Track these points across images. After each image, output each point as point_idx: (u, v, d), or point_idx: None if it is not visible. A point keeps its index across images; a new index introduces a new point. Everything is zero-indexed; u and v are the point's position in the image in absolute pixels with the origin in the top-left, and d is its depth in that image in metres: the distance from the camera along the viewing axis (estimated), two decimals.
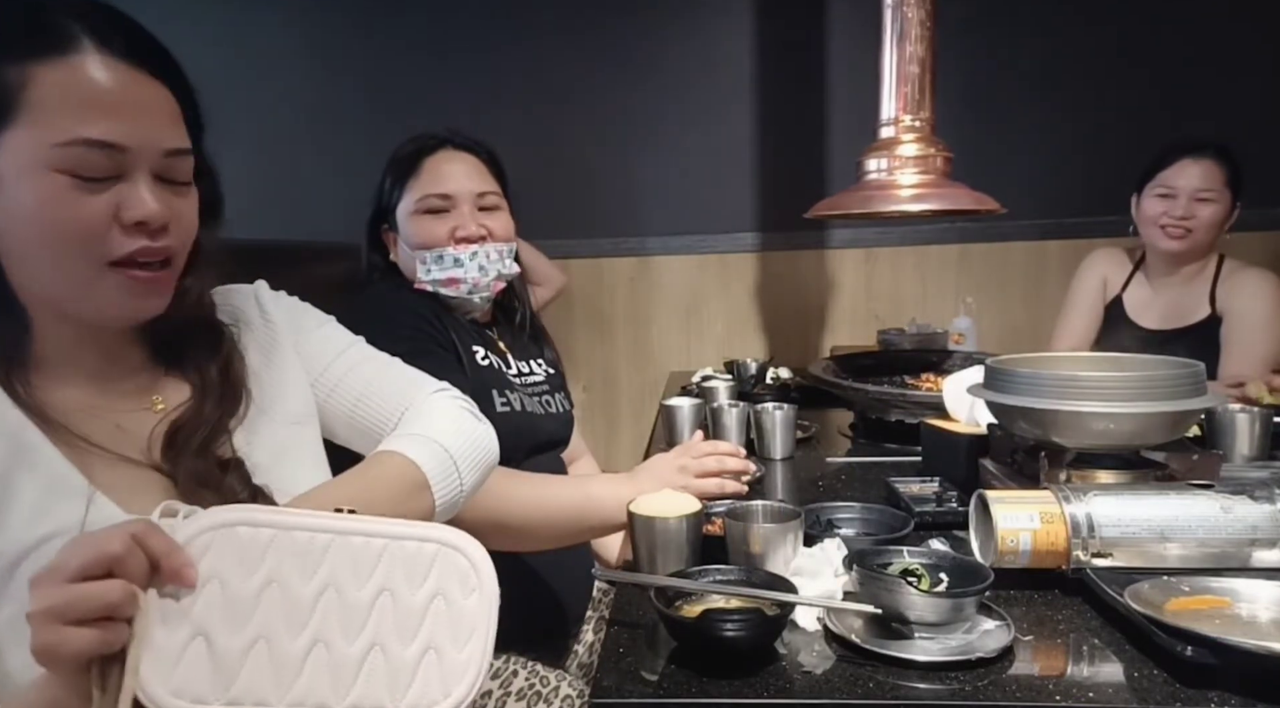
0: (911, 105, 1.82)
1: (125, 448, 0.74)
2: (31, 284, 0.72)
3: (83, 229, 0.68)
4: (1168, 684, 0.74)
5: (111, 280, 0.71)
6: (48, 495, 0.68)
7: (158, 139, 0.71)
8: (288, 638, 0.59)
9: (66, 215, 0.67)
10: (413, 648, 0.63)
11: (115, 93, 0.69)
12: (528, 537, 1.18)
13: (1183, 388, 1.02)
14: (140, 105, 0.70)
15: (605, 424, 2.92)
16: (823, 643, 0.83)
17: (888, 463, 1.47)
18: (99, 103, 0.68)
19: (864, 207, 1.83)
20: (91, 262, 0.70)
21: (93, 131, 0.67)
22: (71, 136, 0.67)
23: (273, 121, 2.81)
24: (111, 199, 0.69)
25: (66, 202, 0.67)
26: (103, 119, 0.68)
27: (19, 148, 0.67)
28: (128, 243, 0.70)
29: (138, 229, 0.70)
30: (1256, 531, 0.90)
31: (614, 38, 2.77)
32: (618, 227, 2.83)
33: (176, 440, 0.76)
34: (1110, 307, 2.13)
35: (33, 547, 0.66)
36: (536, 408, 1.35)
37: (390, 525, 0.65)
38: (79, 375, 0.76)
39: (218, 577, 0.58)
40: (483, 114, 2.74)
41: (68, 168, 0.67)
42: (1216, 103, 2.51)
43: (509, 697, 1.14)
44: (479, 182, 1.36)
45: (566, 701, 1.14)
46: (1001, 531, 0.91)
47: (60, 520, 0.68)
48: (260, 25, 2.84)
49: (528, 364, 1.42)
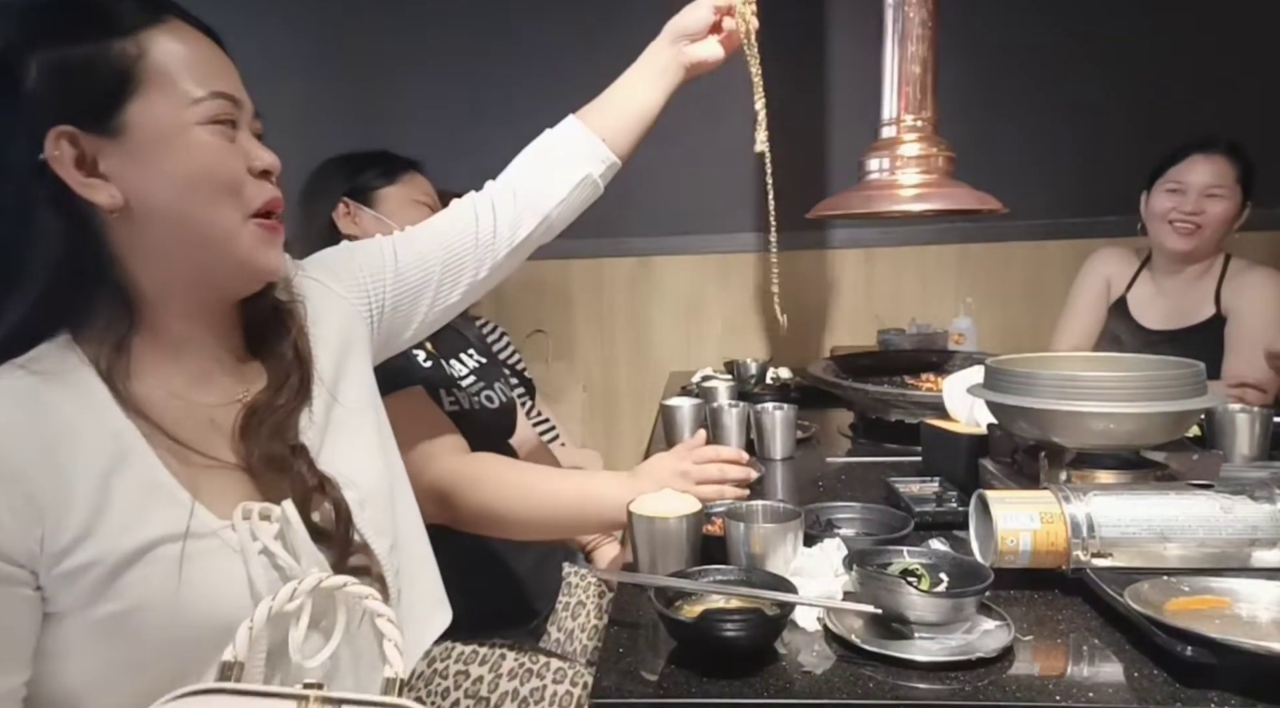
0: (913, 105, 1.82)
1: (216, 449, 0.74)
2: (172, 256, 0.72)
3: (231, 176, 0.72)
4: (1168, 684, 0.74)
5: (250, 232, 0.74)
6: (146, 501, 0.68)
7: (247, 97, 0.75)
8: None
9: (219, 163, 0.71)
10: None
11: (213, 54, 0.74)
12: (521, 528, 1.19)
13: (1183, 388, 1.01)
14: (228, 65, 0.75)
15: (605, 424, 2.92)
16: (823, 643, 0.83)
17: (888, 463, 1.47)
18: (210, 61, 0.72)
19: (866, 206, 1.82)
20: (237, 212, 0.73)
21: (218, 84, 0.72)
22: (206, 89, 0.70)
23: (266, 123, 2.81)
24: (240, 149, 0.73)
25: (221, 151, 0.71)
26: (218, 75, 0.72)
27: (158, 112, 0.69)
28: (261, 192, 0.74)
29: (265, 177, 0.74)
30: (1256, 530, 0.90)
31: (613, 37, 2.76)
32: (618, 227, 2.83)
33: (250, 426, 0.76)
34: (1114, 306, 2.12)
35: (135, 555, 0.66)
36: (477, 404, 1.36)
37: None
38: (180, 372, 0.76)
39: None
40: (481, 114, 2.74)
41: (209, 117, 0.71)
42: (1219, 102, 2.50)
43: (500, 678, 1.15)
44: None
45: (559, 672, 1.15)
46: (1001, 531, 0.91)
47: (161, 528, 0.68)
48: (259, 27, 2.84)
49: (459, 360, 1.42)
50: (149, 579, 0.66)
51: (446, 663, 1.18)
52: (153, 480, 0.69)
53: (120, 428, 0.69)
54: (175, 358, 0.76)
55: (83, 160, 0.68)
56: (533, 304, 2.87)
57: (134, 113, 0.68)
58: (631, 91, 1.15)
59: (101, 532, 0.66)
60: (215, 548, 0.70)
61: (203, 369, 0.77)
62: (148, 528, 0.67)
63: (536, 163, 1.10)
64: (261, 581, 0.70)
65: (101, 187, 0.69)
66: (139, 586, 0.66)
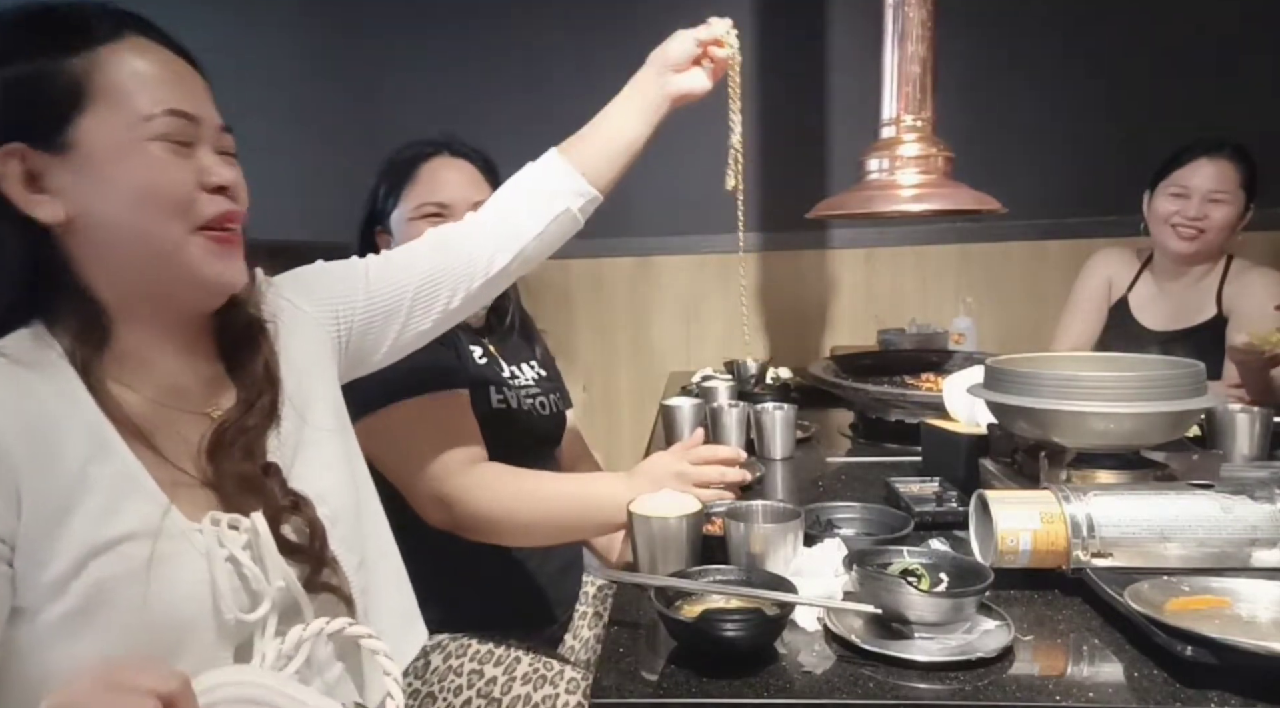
0: (913, 105, 1.82)
1: (183, 461, 0.75)
2: (123, 268, 0.73)
3: (180, 192, 0.72)
4: (1168, 684, 0.74)
5: (198, 243, 0.74)
6: (120, 493, 0.69)
7: (212, 114, 0.76)
8: None
9: (168, 179, 0.72)
10: None
11: (173, 70, 0.74)
12: (524, 534, 1.20)
13: (1183, 388, 1.02)
14: (192, 83, 0.76)
15: (605, 424, 2.92)
16: (823, 643, 0.83)
17: (888, 463, 1.46)
18: (167, 78, 0.73)
19: (865, 206, 1.82)
20: (183, 226, 0.73)
21: (173, 102, 0.72)
22: (160, 107, 0.71)
23: (266, 123, 2.81)
24: (194, 165, 0.74)
25: (168, 166, 0.72)
26: (175, 91, 0.73)
27: (108, 129, 0.70)
28: (213, 205, 0.75)
29: (220, 192, 0.75)
30: (1256, 530, 0.90)
31: (612, 37, 2.77)
32: (618, 227, 2.83)
33: (220, 446, 0.77)
34: (1115, 307, 2.12)
35: (106, 546, 0.67)
36: (530, 407, 1.37)
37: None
38: (149, 382, 0.77)
39: None
40: (480, 114, 2.73)
41: (159, 134, 0.71)
42: (1219, 102, 2.51)
43: (514, 681, 1.15)
44: (475, 190, 1.36)
45: (572, 682, 1.15)
46: (1001, 531, 0.91)
47: (134, 522, 0.69)
48: (257, 29, 2.84)
49: (519, 367, 1.43)
50: (117, 573, 0.67)
51: (461, 660, 1.18)
52: (130, 474, 0.70)
53: (96, 421, 0.70)
54: (146, 366, 0.77)
55: (30, 177, 0.70)
56: (533, 304, 2.86)
57: (84, 129, 0.70)
58: (615, 124, 1.12)
59: (77, 518, 0.66)
60: (183, 550, 0.70)
61: (173, 380, 0.78)
62: (121, 521, 0.68)
63: (515, 196, 1.09)
64: (225, 586, 0.71)
65: (46, 202, 0.70)
66: (106, 578, 0.66)
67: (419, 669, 1.19)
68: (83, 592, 0.66)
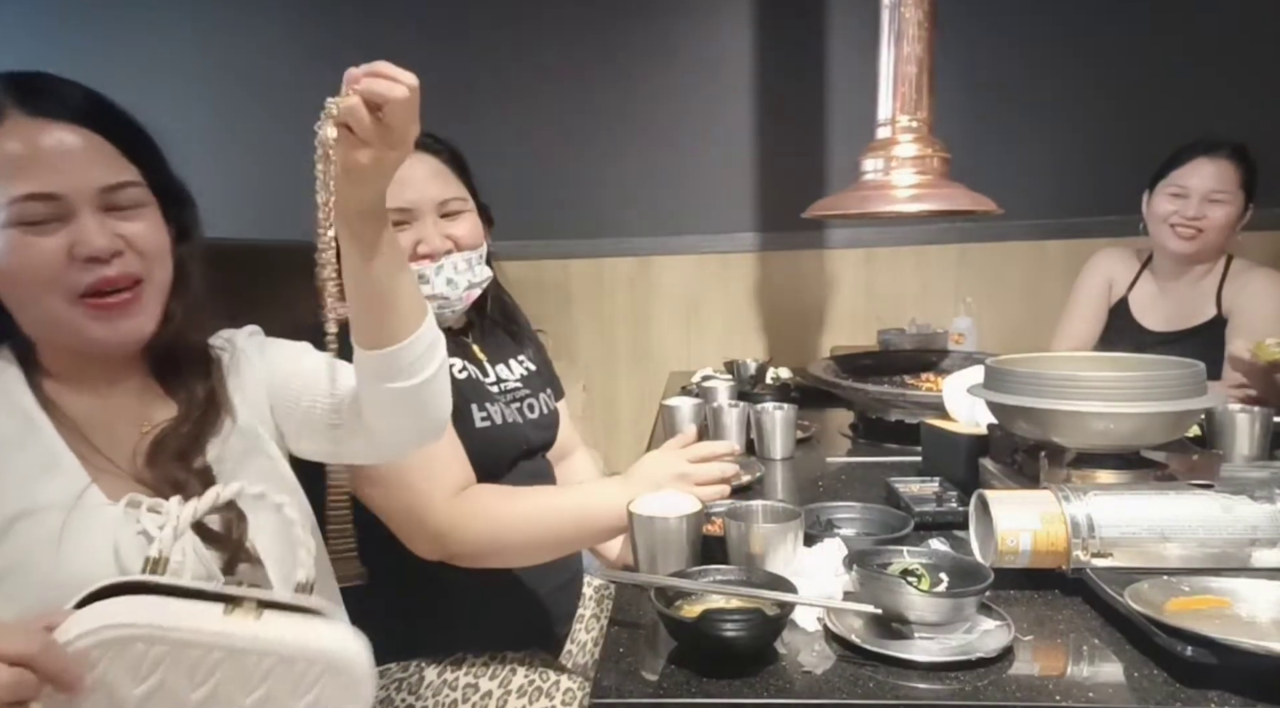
0: (909, 105, 1.82)
1: (115, 455, 0.83)
2: (22, 319, 0.81)
3: (42, 269, 0.77)
4: (1168, 684, 0.74)
5: (80, 312, 0.79)
6: (42, 470, 0.78)
7: (89, 180, 0.79)
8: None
9: (25, 261, 0.77)
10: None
11: (44, 149, 0.78)
12: (525, 555, 1.17)
13: (1183, 388, 1.02)
14: (63, 154, 0.79)
15: (605, 424, 2.92)
16: (823, 643, 0.83)
17: (888, 463, 1.46)
18: (27, 161, 0.77)
19: (861, 207, 1.83)
20: (61, 297, 0.78)
21: (27, 187, 0.76)
22: (11, 196, 0.76)
23: (266, 122, 2.81)
24: (64, 239, 0.78)
25: (23, 248, 0.77)
26: (33, 175, 0.77)
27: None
28: (86, 276, 0.79)
29: (92, 262, 0.78)
30: (1256, 531, 0.90)
31: (612, 37, 2.77)
32: (618, 227, 2.83)
33: (158, 450, 0.84)
34: (1115, 307, 2.11)
35: (24, 514, 0.75)
36: (516, 416, 1.30)
37: (285, 641, 0.67)
38: (83, 388, 0.85)
39: (107, 686, 0.62)
40: (480, 114, 2.74)
41: (16, 221, 0.76)
42: (1218, 101, 2.51)
43: (510, 695, 1.13)
44: (440, 187, 1.23)
45: (568, 693, 1.14)
46: (1001, 531, 0.91)
47: (52, 495, 0.77)
48: (257, 27, 2.84)
49: (506, 366, 1.36)
50: (31, 541, 0.75)
51: (456, 674, 1.16)
52: (53, 453, 0.79)
53: (32, 413, 0.80)
54: (78, 383, 0.85)
55: None
56: (533, 304, 2.85)
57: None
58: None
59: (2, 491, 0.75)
60: (95, 523, 0.77)
61: (105, 395, 0.86)
62: (40, 492, 0.76)
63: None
64: (130, 556, 0.76)
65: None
66: (22, 545, 0.74)
67: (413, 685, 1.15)
68: (2, 558, 0.74)
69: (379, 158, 0.74)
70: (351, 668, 0.70)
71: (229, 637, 0.64)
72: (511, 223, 1.38)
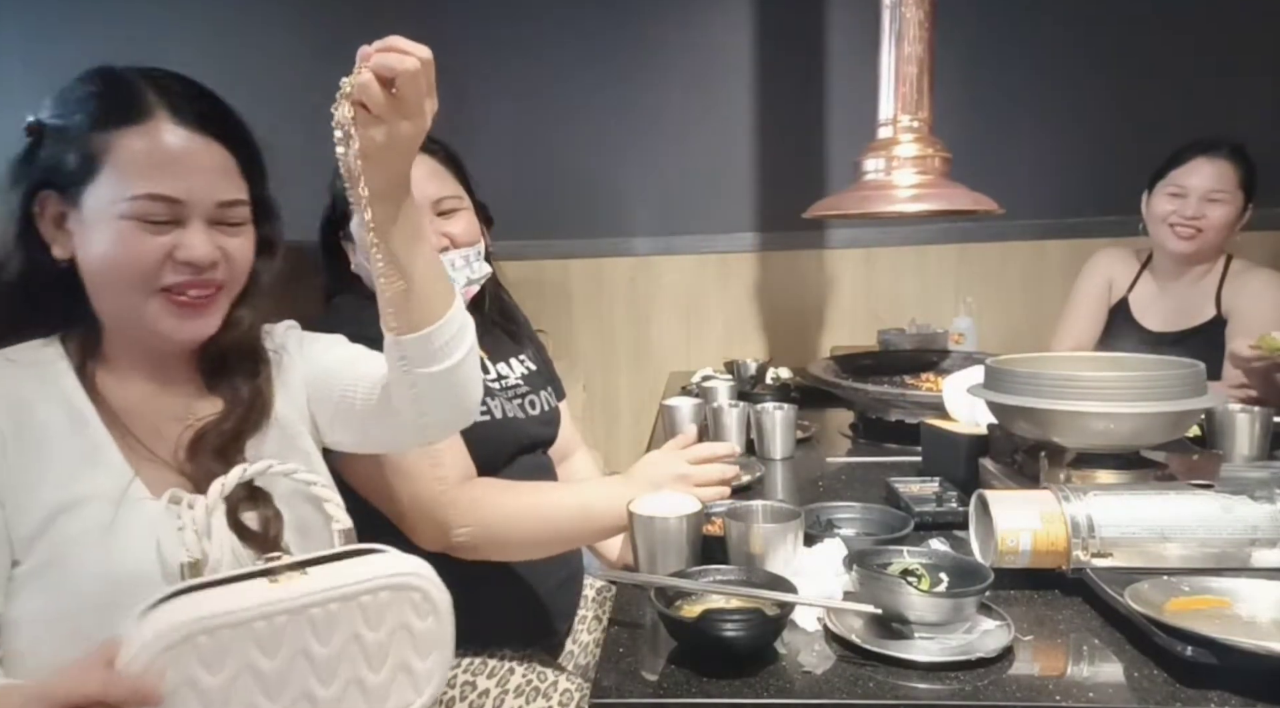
0: (909, 105, 1.82)
1: (158, 448, 0.86)
2: (103, 309, 0.86)
3: (141, 264, 0.82)
4: (1168, 684, 0.74)
5: (158, 304, 0.84)
6: (88, 462, 0.81)
7: (211, 192, 0.84)
8: (270, 706, 0.64)
9: (130, 252, 0.81)
10: (384, 672, 0.70)
11: (178, 155, 0.83)
12: (524, 550, 1.17)
13: (1183, 388, 1.02)
14: (199, 165, 0.84)
15: (605, 424, 2.92)
16: (823, 643, 0.83)
17: (888, 463, 1.46)
18: (164, 164, 0.82)
19: (861, 207, 1.82)
20: (144, 289, 0.83)
21: (157, 187, 0.81)
22: (140, 192, 0.81)
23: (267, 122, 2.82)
24: (171, 240, 0.83)
25: (131, 242, 0.81)
26: (166, 177, 0.82)
27: (101, 198, 0.82)
28: (175, 275, 0.83)
29: (187, 266, 0.83)
30: (1256, 531, 0.90)
31: (612, 37, 2.77)
32: (618, 227, 2.83)
33: (198, 446, 0.87)
34: (1115, 308, 2.11)
35: (70, 505, 0.78)
36: (517, 412, 1.31)
37: (350, 579, 0.68)
38: (135, 380, 0.89)
39: (186, 685, 0.61)
40: (480, 114, 2.74)
41: (134, 215, 0.81)
42: (1219, 101, 2.51)
43: (506, 694, 1.14)
44: (436, 186, 1.24)
45: (566, 694, 1.14)
46: (1001, 531, 0.91)
47: (96, 487, 0.79)
48: (258, 26, 2.84)
49: (506, 364, 1.37)
50: (76, 533, 0.77)
51: (455, 672, 1.16)
52: (97, 446, 0.82)
53: (79, 404, 0.83)
54: (133, 368, 0.89)
55: (58, 217, 0.84)
56: (533, 304, 2.85)
57: (88, 194, 0.82)
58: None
59: (49, 482, 0.78)
60: (139, 518, 0.79)
61: (155, 382, 0.89)
62: (85, 484, 0.79)
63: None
64: (171, 551, 0.77)
65: (62, 240, 0.85)
66: (68, 537, 0.77)
67: None
68: (47, 549, 0.76)
69: (393, 132, 0.75)
70: (414, 583, 0.70)
71: (281, 600, 0.65)
72: (511, 223, 1.39)
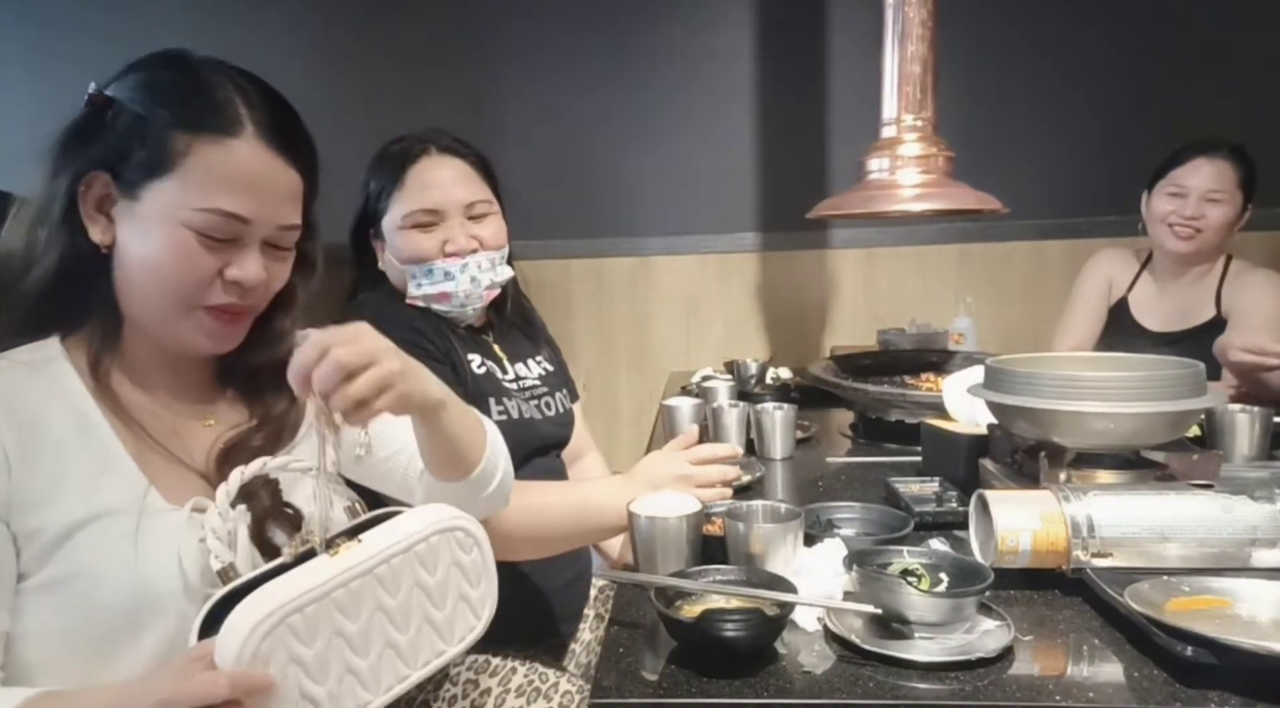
0: (913, 105, 1.82)
1: (176, 450, 0.84)
2: (131, 306, 0.83)
3: (192, 278, 0.80)
4: (1168, 684, 0.74)
5: (195, 319, 0.82)
6: (101, 471, 0.78)
7: (277, 216, 0.83)
8: (362, 660, 0.70)
9: (183, 264, 0.79)
10: (447, 607, 0.77)
11: (255, 176, 0.81)
12: (527, 549, 1.18)
13: (1183, 388, 1.02)
14: (272, 188, 0.83)
15: (605, 424, 2.92)
16: (823, 643, 0.83)
17: (888, 463, 1.47)
18: (240, 182, 0.80)
19: (866, 206, 1.82)
20: (185, 303, 0.81)
21: (228, 204, 0.79)
22: (210, 205, 0.78)
23: None
24: (224, 258, 0.81)
25: (187, 254, 0.79)
26: (240, 196, 0.80)
27: (164, 198, 0.78)
28: (222, 295, 0.82)
29: (235, 286, 0.82)
30: (1256, 531, 0.90)
31: (613, 37, 2.77)
32: (618, 227, 2.83)
33: (229, 456, 0.85)
34: (1115, 308, 2.12)
35: (89, 519, 0.75)
36: (534, 412, 1.33)
37: (400, 536, 0.74)
38: (151, 381, 0.86)
39: (292, 660, 0.65)
40: (482, 114, 2.74)
41: (197, 227, 0.78)
42: (1219, 101, 2.51)
43: (508, 693, 1.14)
44: (467, 190, 1.30)
45: (566, 696, 1.14)
46: (1001, 531, 0.91)
47: (112, 499, 0.77)
48: (262, 29, 2.84)
49: (524, 365, 1.40)
50: (95, 546, 0.74)
51: (459, 669, 1.17)
52: (110, 456, 0.79)
53: (87, 410, 0.80)
54: (150, 369, 0.86)
55: (101, 201, 0.81)
56: (533, 304, 2.87)
57: (152, 189, 0.78)
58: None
59: (59, 496, 0.75)
60: (160, 529, 0.77)
61: (171, 385, 0.88)
62: (102, 497, 0.76)
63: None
64: (191, 564, 0.77)
65: (102, 225, 0.81)
66: (87, 550, 0.74)
67: None
68: (65, 562, 0.73)
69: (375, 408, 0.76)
70: (456, 524, 0.77)
71: (351, 567, 0.69)
72: (511, 223, 1.40)
